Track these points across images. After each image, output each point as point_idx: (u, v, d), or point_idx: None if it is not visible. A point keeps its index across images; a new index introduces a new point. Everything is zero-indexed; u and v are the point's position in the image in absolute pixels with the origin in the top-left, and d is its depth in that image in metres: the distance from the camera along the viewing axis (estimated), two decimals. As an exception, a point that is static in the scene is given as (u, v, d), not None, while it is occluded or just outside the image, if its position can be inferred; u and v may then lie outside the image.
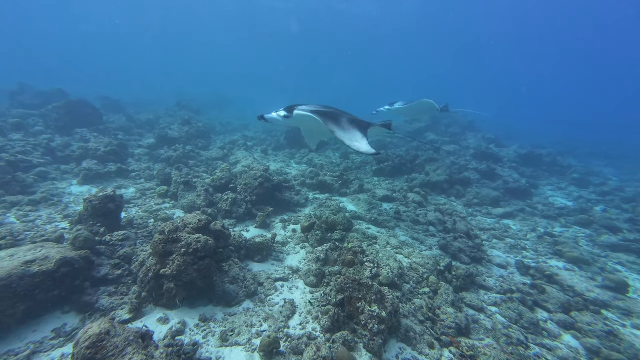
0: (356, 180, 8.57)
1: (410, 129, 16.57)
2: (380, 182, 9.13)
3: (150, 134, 11.57)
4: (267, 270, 4.16)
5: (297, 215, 6.18)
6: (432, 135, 15.47)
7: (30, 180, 6.00)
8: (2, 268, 2.63)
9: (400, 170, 9.96)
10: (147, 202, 6.08)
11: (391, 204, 7.53)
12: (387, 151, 11.20)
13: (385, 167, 9.80)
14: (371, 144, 3.90)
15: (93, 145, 7.75)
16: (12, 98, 12.80)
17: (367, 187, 8.41)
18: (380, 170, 9.81)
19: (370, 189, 8.28)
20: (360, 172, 10.05)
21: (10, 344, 2.47)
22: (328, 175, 8.41)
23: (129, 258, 3.72)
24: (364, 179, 9.17)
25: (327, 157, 11.66)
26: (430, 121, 16.83)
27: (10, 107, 12.02)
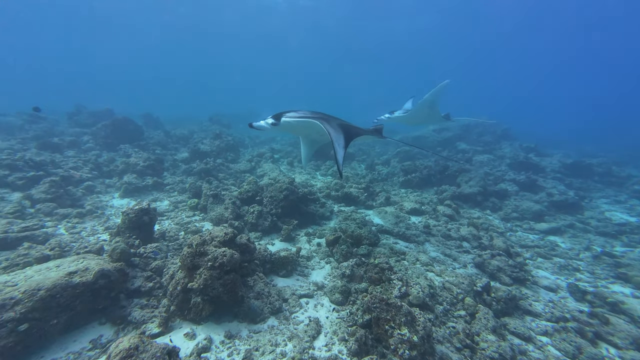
0: (382, 192, 8.35)
1: (440, 138, 15.99)
2: (407, 194, 8.81)
3: (185, 148, 12.26)
4: (292, 286, 4.08)
5: (322, 229, 6.10)
6: (464, 144, 14.79)
7: (79, 194, 6.55)
8: (49, 278, 2.82)
9: (428, 181, 9.56)
10: (179, 214, 6.35)
11: (420, 217, 7.20)
12: (414, 162, 10.84)
13: (413, 178, 9.46)
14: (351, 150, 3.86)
15: (133, 160, 8.33)
16: (70, 118, 14.33)
17: (394, 199, 8.14)
18: (407, 181, 9.49)
19: (397, 201, 8.01)
20: (386, 183, 9.80)
21: (54, 353, 2.60)
22: (353, 187, 8.28)
23: (160, 270, 3.84)
24: (390, 190, 8.91)
25: (353, 169, 11.55)
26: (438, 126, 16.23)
27: (68, 126, 13.46)
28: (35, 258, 3.68)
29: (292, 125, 4.25)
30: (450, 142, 15.37)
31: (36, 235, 4.47)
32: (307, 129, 4.54)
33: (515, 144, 14.58)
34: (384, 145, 16.34)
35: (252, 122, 4.24)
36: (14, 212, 5.21)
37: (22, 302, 2.50)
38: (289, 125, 4.24)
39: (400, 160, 12.52)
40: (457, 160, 11.77)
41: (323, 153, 12.45)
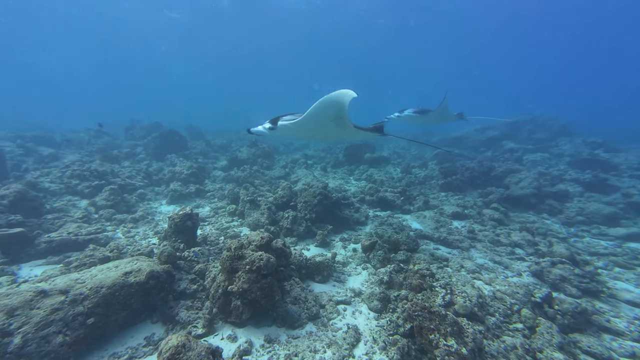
0: (420, 195, 7.98)
1: (483, 138, 14.96)
2: (448, 198, 8.31)
3: (224, 156, 12.95)
4: (329, 292, 4.02)
5: (357, 234, 5.97)
6: (512, 143, 13.68)
7: (133, 201, 7.19)
8: (109, 277, 3.09)
9: (472, 183, 8.94)
10: (219, 220, 6.65)
11: (463, 222, 6.72)
12: (454, 163, 10.24)
13: (454, 180, 8.91)
14: None
15: (178, 168, 8.97)
16: (126, 132, 16.00)
17: (433, 203, 7.73)
18: (447, 184, 8.97)
19: (437, 205, 7.58)
20: (424, 187, 9.36)
21: (115, 347, 2.83)
22: (389, 192, 8.02)
23: (203, 273, 4.03)
24: (429, 194, 8.49)
25: (387, 173, 11.23)
26: (480, 126, 15.03)
27: (124, 139, 15.01)
28: (99, 259, 4.08)
29: (290, 128, 4.23)
30: (495, 142, 14.30)
31: (99, 238, 4.98)
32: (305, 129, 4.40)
33: (576, 140, 13.10)
34: (421, 148, 15.73)
35: (250, 127, 4.34)
36: (82, 217, 5.87)
37: (89, 298, 2.76)
38: (286, 128, 4.25)
39: (438, 163, 11.92)
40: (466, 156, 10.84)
41: (357, 157, 12.34)
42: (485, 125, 16.41)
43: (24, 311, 2.44)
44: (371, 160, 12.26)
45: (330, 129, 4.30)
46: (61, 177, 7.70)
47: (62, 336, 2.43)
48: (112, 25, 37.18)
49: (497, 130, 15.21)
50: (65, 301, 2.66)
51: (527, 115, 16.26)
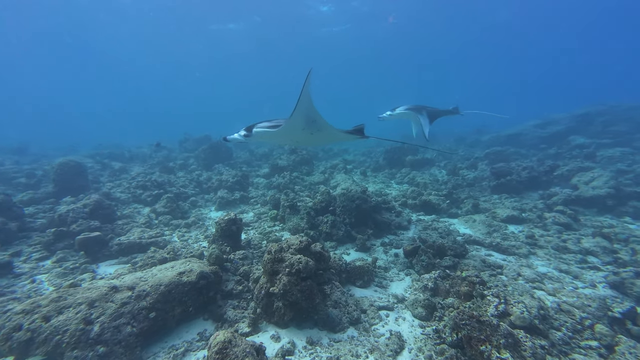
0: (469, 198, 7.44)
1: (544, 134, 13.50)
2: (502, 200, 7.61)
3: (266, 164, 13.56)
4: (370, 297, 3.94)
5: (399, 238, 5.77)
6: (581, 138, 12.14)
7: (186, 208, 7.89)
8: (167, 276, 3.42)
9: (530, 184, 8.07)
10: (262, 224, 6.95)
11: (520, 226, 6.09)
12: (508, 163, 9.36)
13: (508, 181, 8.14)
14: None
15: (225, 177, 9.62)
16: (181, 145, 17.68)
17: (483, 206, 7.14)
18: (500, 185, 8.23)
19: (489, 208, 6.99)
20: (473, 189, 8.70)
21: (172, 340, 3.10)
22: (433, 195, 7.62)
23: (247, 275, 4.23)
24: (478, 197, 7.87)
25: (432, 175, 10.69)
26: (540, 121, 13.41)
27: (179, 152, 16.61)
28: (158, 259, 4.53)
29: (266, 134, 4.19)
30: (560, 137, 12.81)
31: (158, 241, 5.54)
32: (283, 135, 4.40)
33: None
34: (469, 148, 14.74)
35: (226, 136, 4.34)
36: (145, 222, 6.60)
37: (150, 294, 3.08)
38: (260, 135, 4.21)
39: (490, 163, 11.02)
40: (524, 155, 9.52)
41: (398, 160, 12.00)
42: (546, 120, 14.77)
43: (101, 303, 2.81)
44: (413, 162, 11.81)
45: (306, 134, 4.29)
46: (128, 188, 8.78)
47: (130, 327, 2.75)
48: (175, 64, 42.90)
49: (561, 124, 13.60)
50: (132, 296, 3.00)
51: (600, 106, 14.15)
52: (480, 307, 3.17)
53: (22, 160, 13.46)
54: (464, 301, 3.40)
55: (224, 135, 4.39)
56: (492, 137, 16.70)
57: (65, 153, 15.71)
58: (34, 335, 2.47)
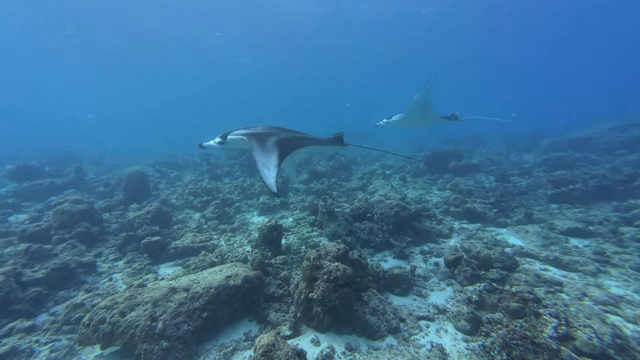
0: (520, 207, 6.87)
1: (622, 138, 11.93)
2: (562, 211, 6.89)
3: (305, 170, 13.94)
4: (409, 306, 3.89)
5: (439, 247, 5.56)
6: None
7: (232, 213, 8.47)
8: (216, 279, 3.76)
9: (601, 194, 7.21)
10: (301, 230, 7.18)
11: (586, 240, 5.47)
12: (571, 171, 8.45)
13: (571, 190, 7.34)
14: None
15: (266, 184, 10.11)
16: (227, 153, 18.95)
17: (538, 216, 6.55)
18: (561, 194, 7.46)
19: (545, 218, 6.39)
20: (526, 197, 7.99)
21: (222, 339, 3.39)
22: (478, 202, 7.18)
23: (288, 280, 4.44)
24: (533, 205, 7.21)
25: (478, 182, 10.05)
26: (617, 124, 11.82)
27: (226, 159, 17.83)
28: (208, 263, 4.97)
29: (236, 141, 4.10)
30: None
31: (208, 245, 6.05)
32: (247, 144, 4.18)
33: None
34: (521, 153, 13.57)
35: (201, 142, 4.25)
36: (196, 227, 7.25)
37: (203, 296, 3.43)
38: (234, 142, 4.12)
39: (548, 170, 10.05)
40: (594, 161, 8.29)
41: (440, 166, 11.51)
42: (629, 122, 13.00)
43: (163, 303, 3.21)
44: (457, 168, 11.24)
45: None
46: (182, 194, 9.71)
47: (187, 325, 3.10)
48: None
49: (639, 128, 11.85)
50: (187, 297, 3.37)
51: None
52: (534, 327, 2.95)
53: (100, 171, 15.62)
54: (514, 318, 3.19)
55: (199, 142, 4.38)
56: (552, 142, 15.21)
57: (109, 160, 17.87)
58: (114, 328, 2.93)
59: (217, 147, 4.18)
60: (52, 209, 6.69)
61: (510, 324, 3.07)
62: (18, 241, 5.87)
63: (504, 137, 21.48)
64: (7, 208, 8.58)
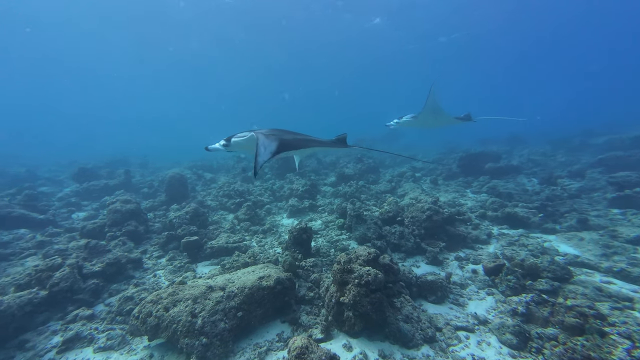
0: (572, 212, 6.28)
1: None
2: (627, 217, 6.19)
3: (333, 172, 13.97)
4: (445, 315, 3.72)
5: (476, 253, 5.26)
6: None
7: (262, 215, 8.72)
8: (249, 280, 3.88)
9: None
10: (329, 233, 7.19)
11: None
12: (638, 172, 7.60)
13: (638, 194, 6.59)
14: None
15: (295, 186, 10.29)
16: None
17: (595, 222, 5.95)
18: (624, 198, 6.75)
19: (604, 225, 5.81)
20: (578, 201, 7.29)
21: (256, 338, 3.49)
22: (520, 207, 6.69)
23: (318, 282, 4.46)
24: (588, 210, 6.56)
25: (519, 184, 9.38)
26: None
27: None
28: (241, 263, 5.16)
29: (240, 144, 4.19)
30: None
31: (241, 246, 6.29)
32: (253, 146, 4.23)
33: None
34: (572, 153, 12.45)
35: (207, 145, 4.34)
36: (229, 228, 7.56)
37: (237, 295, 3.56)
38: (238, 144, 4.21)
39: (606, 171, 9.09)
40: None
41: (474, 168, 10.92)
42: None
43: (201, 300, 3.39)
44: (494, 170, 10.59)
45: None
46: (216, 196, 10.19)
47: (223, 323, 3.24)
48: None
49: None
50: (223, 296, 3.53)
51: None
52: (599, 347, 2.67)
53: (145, 173, 16.92)
54: (572, 335, 2.91)
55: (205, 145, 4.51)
56: (609, 140, 13.76)
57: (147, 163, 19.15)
58: (159, 322, 3.15)
59: (221, 149, 4.33)
60: (106, 207, 7.40)
61: (568, 341, 2.80)
62: (79, 237, 6.56)
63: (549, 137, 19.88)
64: (71, 206, 9.63)
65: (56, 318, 3.94)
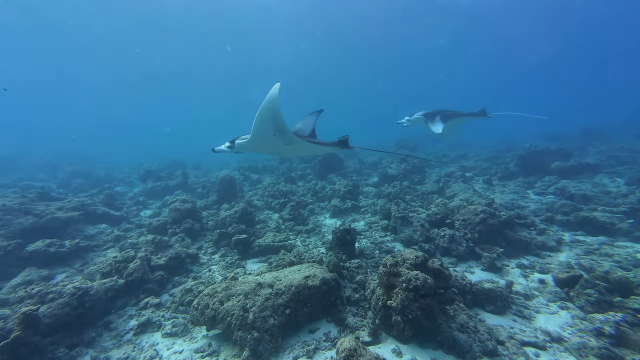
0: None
1: None
2: None
3: (375, 173, 13.69)
4: (508, 327, 3.40)
5: (544, 261, 4.71)
6: None
7: (306, 215, 8.87)
8: (296, 278, 3.97)
9: None
10: (373, 234, 7.04)
11: None
12: None
13: None
14: None
15: (337, 186, 10.28)
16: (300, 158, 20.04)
17: None
18: None
19: None
20: None
21: (304, 337, 3.55)
22: (600, 210, 5.82)
23: (363, 284, 4.39)
24: None
25: (597, 185, 8.17)
26: None
27: (298, 162, 18.82)
28: (287, 262, 5.30)
29: (244, 146, 4.33)
30: None
31: (286, 245, 6.48)
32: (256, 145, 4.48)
33: None
34: None
35: (214, 147, 4.51)
36: (275, 227, 7.84)
37: (285, 293, 3.67)
38: (242, 146, 4.36)
39: None
40: None
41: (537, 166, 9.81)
42: None
43: (252, 296, 3.56)
44: (563, 169, 9.39)
45: (277, 144, 4.29)
46: (262, 196, 10.66)
47: (273, 319, 3.36)
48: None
49: None
50: (272, 293, 3.66)
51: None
52: None
53: (199, 174, 18.42)
54: None
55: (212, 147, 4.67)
56: None
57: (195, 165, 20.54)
58: (216, 314, 3.39)
59: (226, 150, 4.50)
60: (167, 206, 8.22)
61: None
62: (147, 232, 7.39)
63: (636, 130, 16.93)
64: (139, 205, 10.93)
65: (131, 304, 4.49)
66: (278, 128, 3.90)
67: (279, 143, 4.30)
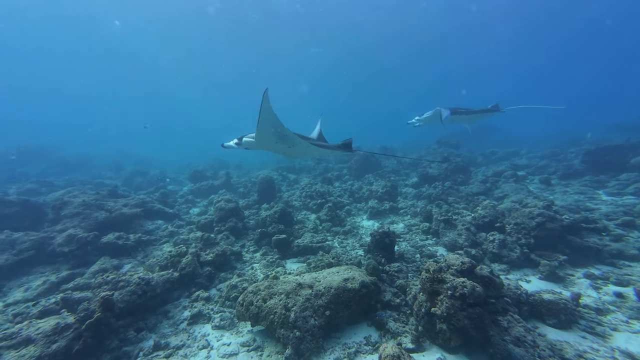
0: None
1: None
2: None
3: (414, 173, 13.18)
4: (575, 344, 3.08)
5: (621, 272, 4.17)
6: None
7: (342, 216, 8.85)
8: (335, 280, 3.98)
9: None
10: (413, 237, 6.78)
11: None
12: None
13: None
14: None
15: (375, 187, 10.10)
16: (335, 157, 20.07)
17: None
18: None
19: None
20: None
21: (345, 339, 3.55)
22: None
23: (404, 289, 4.26)
24: None
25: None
26: None
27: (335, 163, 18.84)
28: (326, 263, 5.35)
29: (250, 143, 4.46)
30: None
31: (324, 246, 6.53)
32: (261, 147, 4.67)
33: None
34: None
35: (223, 142, 4.68)
36: (313, 228, 7.95)
37: (324, 295, 3.71)
38: (249, 143, 4.49)
39: None
40: None
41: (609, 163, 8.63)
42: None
43: (293, 296, 3.66)
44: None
45: (280, 147, 4.45)
46: (300, 197, 10.88)
47: (313, 319, 3.42)
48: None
49: None
50: (311, 294, 3.72)
51: None
52: None
53: (240, 174, 19.37)
54: None
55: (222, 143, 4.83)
56: None
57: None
58: (259, 311, 3.56)
59: (235, 147, 4.66)
60: (212, 204, 8.80)
61: None
62: (196, 229, 8.00)
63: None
64: (189, 203, 11.87)
65: (185, 296, 4.90)
66: (279, 134, 4.16)
67: (282, 146, 4.57)
